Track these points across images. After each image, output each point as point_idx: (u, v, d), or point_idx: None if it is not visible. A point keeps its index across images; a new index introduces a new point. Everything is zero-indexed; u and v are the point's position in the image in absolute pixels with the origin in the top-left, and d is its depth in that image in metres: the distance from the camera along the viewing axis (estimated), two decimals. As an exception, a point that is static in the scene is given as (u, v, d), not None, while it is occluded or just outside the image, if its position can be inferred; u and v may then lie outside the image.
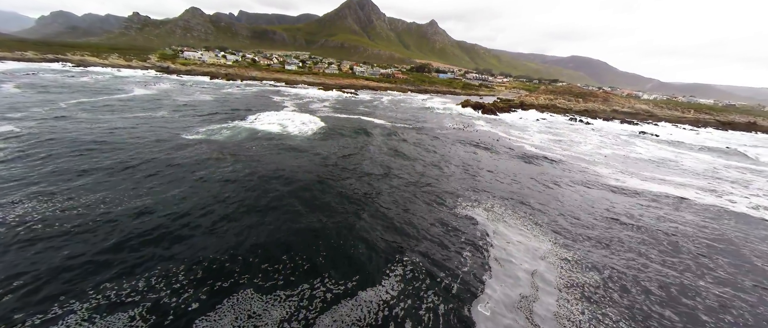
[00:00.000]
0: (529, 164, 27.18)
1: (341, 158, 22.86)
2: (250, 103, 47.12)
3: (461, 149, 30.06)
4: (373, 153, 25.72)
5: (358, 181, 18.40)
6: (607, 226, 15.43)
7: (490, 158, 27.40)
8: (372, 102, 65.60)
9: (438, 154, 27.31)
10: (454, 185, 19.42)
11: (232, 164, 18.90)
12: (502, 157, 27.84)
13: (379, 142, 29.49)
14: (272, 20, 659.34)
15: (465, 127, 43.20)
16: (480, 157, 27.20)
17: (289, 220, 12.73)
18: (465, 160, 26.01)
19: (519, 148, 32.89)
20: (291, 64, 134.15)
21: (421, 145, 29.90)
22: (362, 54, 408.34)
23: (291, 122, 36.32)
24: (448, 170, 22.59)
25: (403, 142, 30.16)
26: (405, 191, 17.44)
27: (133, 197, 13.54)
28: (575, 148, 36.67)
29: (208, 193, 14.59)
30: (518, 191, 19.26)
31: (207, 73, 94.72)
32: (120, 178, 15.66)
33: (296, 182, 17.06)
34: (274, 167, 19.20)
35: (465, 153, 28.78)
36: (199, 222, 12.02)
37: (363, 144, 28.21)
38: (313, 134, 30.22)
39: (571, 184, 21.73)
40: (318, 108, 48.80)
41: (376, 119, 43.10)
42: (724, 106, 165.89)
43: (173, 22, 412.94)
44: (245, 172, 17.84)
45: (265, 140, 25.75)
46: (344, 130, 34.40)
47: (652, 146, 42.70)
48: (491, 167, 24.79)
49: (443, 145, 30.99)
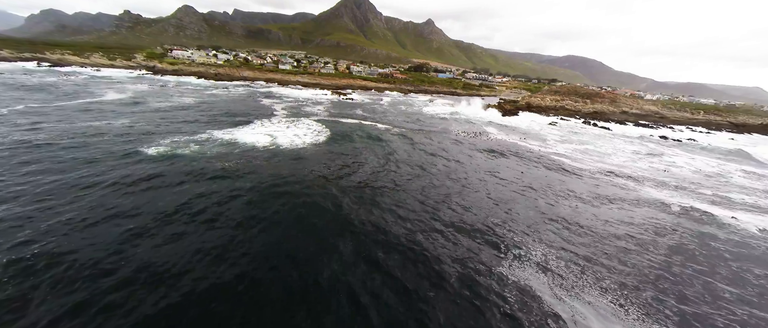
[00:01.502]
0: (567, 179, 22.40)
1: (341, 180, 17.92)
2: (236, 108, 41.93)
3: (483, 163, 25.22)
4: (378, 169, 20.78)
5: (364, 215, 13.46)
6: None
7: (520, 176, 22.57)
8: (371, 105, 60.61)
9: (458, 169, 22.46)
10: (487, 219, 14.56)
11: (187, 198, 13.84)
12: (533, 176, 23.01)
13: (385, 154, 24.57)
14: (267, 19, 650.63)
15: (478, 134, 38.41)
16: (508, 175, 22.36)
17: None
18: (491, 179, 21.19)
19: (548, 161, 28.11)
20: (285, 64, 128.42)
21: (434, 157, 25.03)
22: (359, 53, 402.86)
23: (281, 132, 31.24)
24: (474, 195, 17.75)
25: (412, 156, 25.30)
26: (424, 235, 12.54)
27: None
28: (608, 159, 32.05)
29: (138, 256, 9.53)
30: (577, 232, 14.43)
31: (195, 74, 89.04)
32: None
33: (282, 231, 12.06)
34: (252, 201, 14.19)
35: (488, 168, 23.96)
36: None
37: (366, 157, 23.28)
38: (307, 148, 25.23)
39: (643, 223, 16.83)
40: (313, 112, 43.75)
41: (378, 124, 38.18)
42: (725, 106, 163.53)
43: (166, 21, 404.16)
44: (204, 211, 12.81)
45: (245, 158, 20.71)
46: (344, 140, 29.42)
47: (685, 156, 38.17)
48: (524, 187, 19.98)
49: (460, 156, 26.12)
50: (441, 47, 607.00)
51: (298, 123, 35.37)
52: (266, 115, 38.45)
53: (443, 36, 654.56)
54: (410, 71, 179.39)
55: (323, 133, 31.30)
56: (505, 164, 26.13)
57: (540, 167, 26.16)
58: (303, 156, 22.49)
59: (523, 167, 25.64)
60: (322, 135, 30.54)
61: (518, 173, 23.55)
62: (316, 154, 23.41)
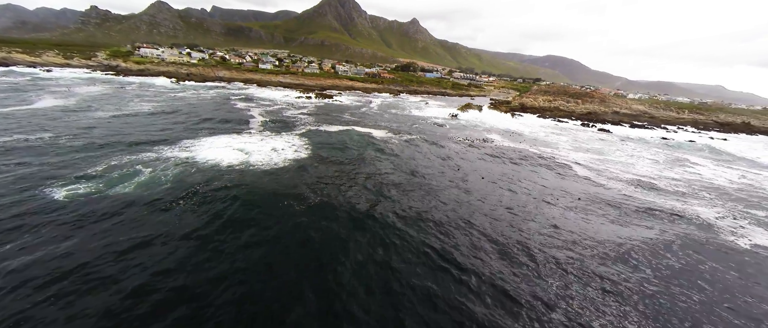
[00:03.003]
0: (607, 208, 18.21)
1: (333, 222, 12.93)
2: (203, 115, 35.89)
3: (496, 182, 20.84)
4: (380, 197, 15.94)
5: (366, 269, 8.55)
6: None
7: (544, 201, 18.30)
8: (360, 108, 55.53)
9: (467, 191, 17.94)
10: (522, 278, 9.96)
11: (113, 256, 8.52)
12: (560, 196, 18.77)
13: (385, 174, 19.71)
14: (248, 17, 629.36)
15: (483, 141, 34.23)
16: (527, 200, 18.04)
17: None
18: (511, 202, 16.82)
19: (572, 174, 24.06)
20: (266, 63, 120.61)
21: (441, 173, 20.41)
22: (344, 52, 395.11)
23: (255, 145, 25.77)
24: (496, 227, 13.25)
25: (416, 169, 20.60)
26: (445, 298, 7.82)
27: None
28: (631, 169, 28.57)
29: None
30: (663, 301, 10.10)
31: (164, 74, 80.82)
32: None
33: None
34: (213, 257, 9.01)
35: (502, 184, 19.63)
36: None
37: (362, 180, 18.37)
38: (287, 167, 20.04)
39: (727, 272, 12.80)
40: (295, 119, 38.28)
41: (372, 131, 33.25)
42: (700, 104, 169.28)
43: (137, 18, 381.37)
44: (134, 278, 7.57)
45: (202, 186, 15.35)
46: (332, 154, 24.35)
47: (707, 161, 35.38)
48: (558, 221, 15.67)
49: (470, 172, 21.60)
50: (426, 47, 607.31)
51: (278, 133, 29.96)
52: (240, 124, 32.76)
53: (428, 35, 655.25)
54: (398, 71, 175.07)
55: (307, 146, 26.12)
56: (533, 179, 21.91)
57: (567, 179, 22.14)
58: (281, 181, 17.35)
59: (549, 182, 21.49)
60: (306, 149, 25.38)
61: (550, 192, 19.32)
62: (297, 177, 18.29)
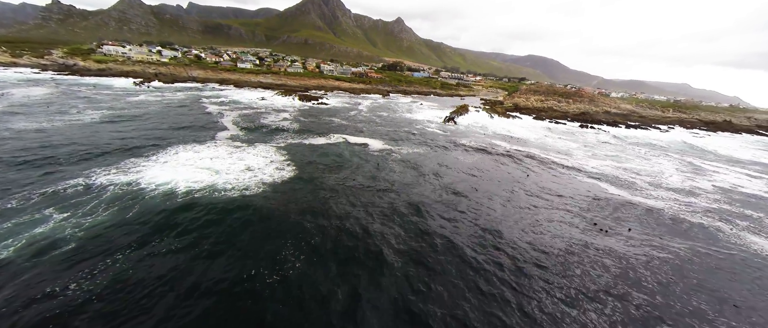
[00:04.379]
0: (687, 241, 14.55)
1: (326, 289, 8.42)
2: (165, 122, 30.22)
3: (517, 197, 16.86)
4: (387, 236, 11.49)
5: None
6: None
7: (578, 226, 14.46)
8: (349, 111, 50.77)
9: (488, 216, 13.82)
10: None
11: None
12: (613, 226, 15.04)
13: (390, 210, 15.26)
14: (227, 14, 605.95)
15: (492, 152, 30.45)
16: (582, 238, 14.16)
17: None
18: (538, 226, 12.87)
19: (604, 193, 20.48)
20: (245, 62, 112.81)
21: (467, 211, 16.24)
22: (329, 51, 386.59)
23: (225, 162, 20.70)
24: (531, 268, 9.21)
25: (429, 202, 16.31)
26: None
27: None
28: (660, 180, 25.54)
29: None
30: None
31: (128, 74, 72.74)
32: None
33: None
34: None
35: (527, 202, 15.70)
36: None
37: (358, 210, 13.86)
38: (265, 194, 15.34)
39: None
40: (275, 125, 33.17)
41: (365, 140, 28.71)
42: (675, 102, 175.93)
43: (105, 14, 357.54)
44: None
45: (145, 235, 10.41)
46: (320, 171, 19.70)
47: (728, 171, 33.10)
48: (607, 256, 11.82)
49: (495, 200, 17.53)
50: (411, 46, 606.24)
51: (253, 145, 24.93)
52: (208, 133, 27.42)
53: (413, 35, 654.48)
54: (385, 70, 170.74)
55: (289, 163, 21.34)
56: (568, 205, 18.12)
57: (603, 201, 18.52)
58: (253, 216, 12.63)
59: (584, 204, 17.78)
60: (288, 167, 20.62)
61: (599, 217, 15.54)
62: (277, 214, 13.58)
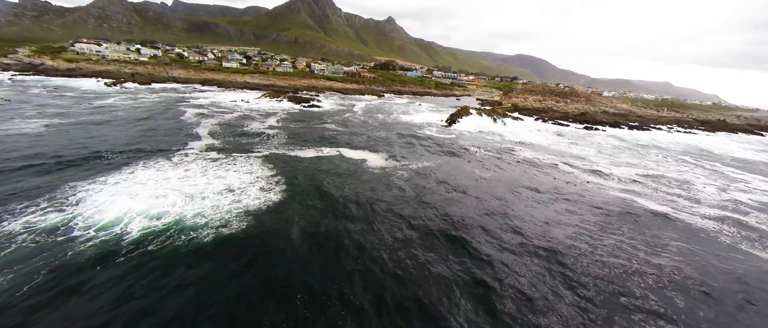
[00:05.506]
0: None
1: None
2: (129, 132, 25.76)
3: (560, 221, 13.40)
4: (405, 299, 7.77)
5: None
6: None
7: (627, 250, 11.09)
8: (343, 114, 46.82)
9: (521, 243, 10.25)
10: None
11: None
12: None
13: (403, 253, 11.54)
14: (214, 12, 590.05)
15: (511, 164, 27.08)
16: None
17: None
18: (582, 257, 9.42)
19: (633, 205, 17.09)
20: (231, 61, 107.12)
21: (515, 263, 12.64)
22: (319, 50, 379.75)
23: (195, 183, 16.50)
24: None
25: (466, 238, 12.63)
26: None
27: None
28: (696, 193, 22.59)
29: None
30: None
31: (101, 74, 66.86)
32: None
33: None
34: None
35: (576, 228, 12.26)
36: None
37: (381, 278, 10.08)
38: (250, 228, 11.39)
39: None
40: (260, 134, 29.04)
41: (362, 153, 24.87)
42: (663, 101, 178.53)
43: (83, 10, 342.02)
44: None
45: (61, 295, 6.42)
46: (311, 197, 15.79)
47: (757, 178, 30.52)
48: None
49: (533, 226, 13.94)
50: (403, 45, 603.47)
51: (233, 158, 20.85)
52: (180, 144, 23.15)
53: (404, 34, 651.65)
54: (377, 69, 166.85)
55: (274, 182, 17.43)
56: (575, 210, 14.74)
57: (647, 219, 15.26)
58: (235, 279, 8.72)
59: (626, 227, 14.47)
60: (276, 185, 16.76)
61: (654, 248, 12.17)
62: (261, 265, 9.69)
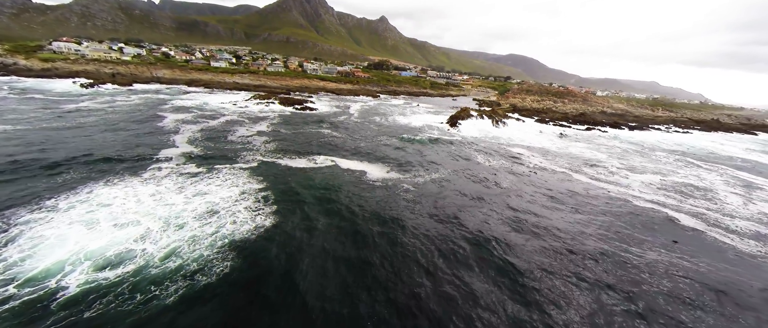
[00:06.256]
0: None
1: None
2: (96, 140, 22.77)
3: (594, 242, 11.18)
4: None
5: None
6: None
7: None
8: (338, 116, 44.23)
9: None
10: None
11: None
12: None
13: (424, 303, 9.19)
14: (204, 10, 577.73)
15: (516, 169, 24.94)
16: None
17: None
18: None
19: (663, 219, 14.97)
20: (220, 60, 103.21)
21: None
22: (312, 50, 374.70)
23: (168, 204, 13.73)
24: None
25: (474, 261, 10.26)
26: None
27: None
28: (721, 204, 20.85)
29: None
30: None
31: (77, 74, 62.71)
32: None
33: None
34: None
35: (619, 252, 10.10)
36: None
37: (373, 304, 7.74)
38: (236, 271, 8.81)
39: None
40: (246, 142, 26.31)
41: (361, 164, 22.38)
42: (653, 100, 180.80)
43: (66, 8, 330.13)
44: None
45: None
46: (306, 221, 13.19)
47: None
48: None
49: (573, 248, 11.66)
50: (396, 45, 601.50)
51: (214, 172, 18.17)
52: (152, 156, 20.31)
53: (397, 34, 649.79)
54: (371, 69, 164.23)
55: (266, 196, 14.83)
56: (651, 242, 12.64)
57: (689, 237, 13.21)
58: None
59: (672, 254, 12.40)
60: (266, 205, 14.19)
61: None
62: (246, 306, 7.23)
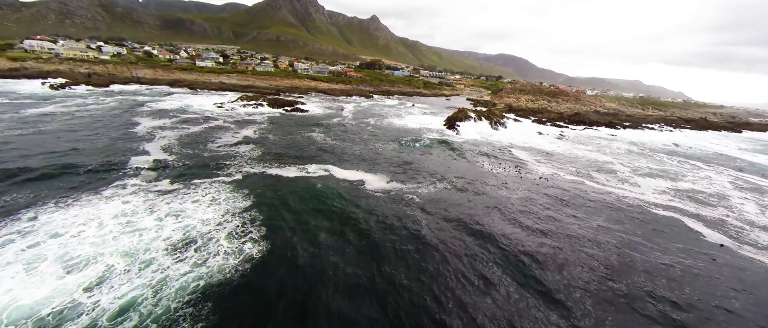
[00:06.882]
0: None
1: None
2: (53, 153, 20.00)
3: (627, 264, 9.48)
4: None
5: None
6: None
7: None
8: (331, 119, 41.95)
9: None
10: None
11: None
12: None
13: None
14: (189, 8, 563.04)
15: (526, 176, 23.27)
16: None
17: None
18: None
19: (686, 231, 13.58)
20: (206, 60, 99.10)
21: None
22: (302, 49, 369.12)
23: (140, 231, 11.32)
24: None
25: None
26: None
27: None
28: (739, 212, 19.58)
29: None
30: None
31: (49, 74, 58.47)
32: None
33: None
34: None
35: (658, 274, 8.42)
36: None
37: None
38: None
39: None
40: (232, 148, 23.84)
41: (358, 173, 20.23)
42: (640, 98, 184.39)
43: (43, 5, 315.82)
44: None
45: None
46: (302, 246, 11.01)
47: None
48: None
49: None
50: (388, 44, 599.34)
51: (194, 187, 15.78)
52: (118, 168, 17.75)
53: (389, 33, 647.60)
54: (363, 69, 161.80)
55: (254, 217, 12.59)
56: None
57: (722, 256, 11.67)
58: None
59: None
60: (251, 233, 11.99)
61: None
62: None
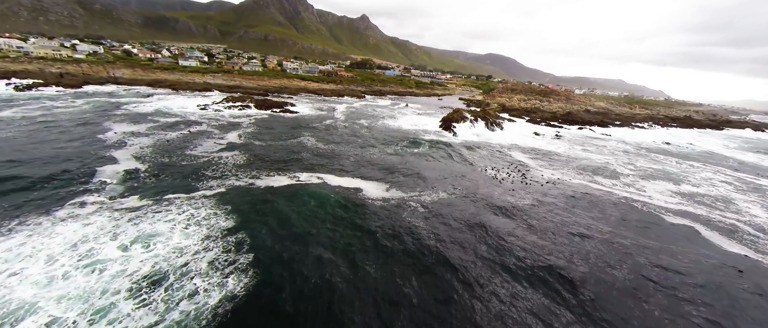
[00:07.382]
0: None
1: None
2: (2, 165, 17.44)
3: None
4: None
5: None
6: None
7: None
8: (322, 121, 39.91)
9: None
10: None
11: None
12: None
13: None
14: (174, 6, 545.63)
15: (522, 174, 21.92)
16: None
17: None
18: None
19: (704, 244, 12.30)
20: (189, 59, 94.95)
21: None
22: (291, 48, 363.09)
23: (99, 277, 9.00)
24: None
25: None
26: None
27: None
28: (748, 216, 18.76)
29: None
30: None
31: (15, 74, 54.12)
32: None
33: None
34: None
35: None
36: None
37: None
38: None
39: None
40: (214, 156, 21.63)
41: (355, 180, 18.39)
42: (625, 97, 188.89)
43: (15, 1, 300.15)
44: None
45: None
46: (308, 263, 9.15)
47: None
48: None
49: None
50: (378, 44, 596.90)
51: (167, 204, 13.64)
52: (79, 182, 15.43)
53: (379, 32, 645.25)
54: (354, 68, 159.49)
55: (235, 249, 10.63)
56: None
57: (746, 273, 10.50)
58: None
59: None
60: (238, 262, 10.05)
61: None
62: None
